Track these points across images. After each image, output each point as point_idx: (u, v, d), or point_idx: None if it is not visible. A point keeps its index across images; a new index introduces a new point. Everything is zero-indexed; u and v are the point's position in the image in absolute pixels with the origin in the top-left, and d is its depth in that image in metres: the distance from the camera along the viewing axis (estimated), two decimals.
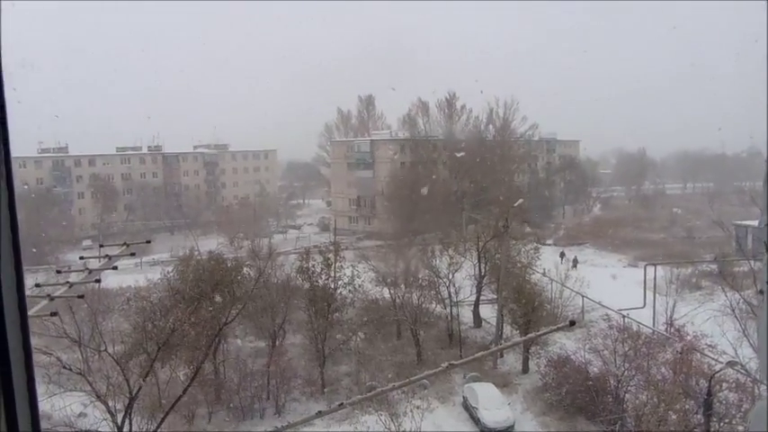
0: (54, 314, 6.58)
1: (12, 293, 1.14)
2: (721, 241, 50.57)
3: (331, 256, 31.79)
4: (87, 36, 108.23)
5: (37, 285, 7.17)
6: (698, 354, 23.10)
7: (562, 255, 52.09)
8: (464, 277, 36.07)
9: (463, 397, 27.26)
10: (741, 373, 21.28)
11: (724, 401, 20.72)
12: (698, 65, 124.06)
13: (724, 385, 20.89)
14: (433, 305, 34.10)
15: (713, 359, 22.92)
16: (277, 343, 30.63)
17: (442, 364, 6.76)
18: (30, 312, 6.84)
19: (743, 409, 19.71)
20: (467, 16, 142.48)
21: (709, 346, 24.37)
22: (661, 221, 75.68)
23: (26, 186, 72.51)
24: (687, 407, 20.49)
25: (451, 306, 34.44)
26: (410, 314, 31.97)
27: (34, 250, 46.16)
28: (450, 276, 34.64)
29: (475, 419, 25.56)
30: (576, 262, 50.26)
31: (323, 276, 30.88)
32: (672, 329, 28.77)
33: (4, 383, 1.14)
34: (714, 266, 41.52)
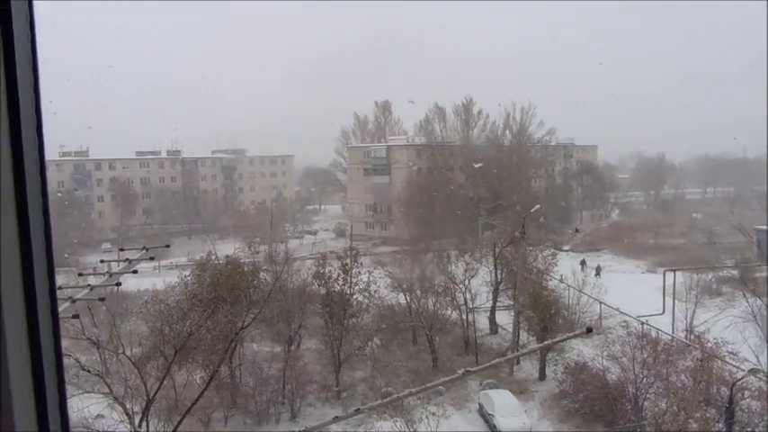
0: (76, 316, 6.68)
1: (44, 298, 1.17)
2: (742, 246, 49.91)
3: (348, 261, 31.81)
4: (105, 41, 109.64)
5: (59, 288, 7.26)
6: (719, 361, 22.78)
7: (583, 263, 50.33)
8: (480, 283, 35.93)
9: (479, 404, 27.11)
10: (763, 380, 20.98)
11: (746, 410, 20.46)
12: (717, 69, 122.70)
13: (746, 393, 20.62)
14: (449, 311, 33.99)
15: (735, 366, 22.59)
16: (293, 348, 30.71)
17: (459, 371, 6.72)
18: None
19: (766, 418, 19.41)
20: (482, 18, 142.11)
21: (731, 353, 24.06)
22: (680, 227, 74.82)
23: (52, 197, 73.24)
24: (708, 415, 20.22)
25: (467, 312, 34.29)
26: (426, 320, 31.88)
27: (65, 255, 46.86)
28: (467, 282, 34.50)
29: (491, 426, 25.42)
30: (599, 270, 49.19)
31: (339, 282, 30.92)
32: (692, 336, 28.44)
33: (36, 385, 1.17)
34: (735, 272, 40.97)
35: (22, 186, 1.13)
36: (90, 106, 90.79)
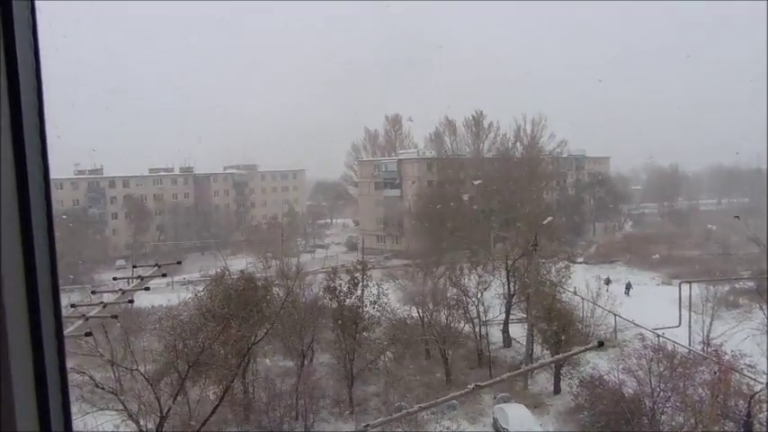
0: (89, 334, 6.73)
1: (48, 310, 1.19)
2: (758, 258, 49.22)
3: (358, 275, 31.81)
4: (117, 56, 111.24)
5: (72, 306, 7.32)
6: (736, 374, 22.46)
7: (608, 281, 46.31)
8: (493, 296, 35.74)
9: (493, 418, 26.86)
10: None
11: (765, 423, 20.11)
12: (732, 79, 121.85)
13: (764, 406, 20.31)
14: (462, 324, 33.81)
15: (752, 379, 22.28)
16: (306, 362, 30.64)
17: (469, 385, 6.70)
18: (65, 332, 7.01)
19: None
20: (492, 31, 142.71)
21: (748, 365, 23.76)
22: (695, 238, 74.11)
23: (67, 215, 73.69)
24: (726, 428, 19.94)
25: (480, 325, 34.10)
26: (439, 334, 31.74)
27: (71, 277, 47.27)
28: (479, 295, 34.35)
29: None
30: (629, 288, 47.70)
31: (350, 296, 30.89)
32: (709, 349, 28.11)
33: (39, 399, 1.18)
34: (752, 284, 40.44)
35: (26, 203, 1.15)
36: (102, 124, 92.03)
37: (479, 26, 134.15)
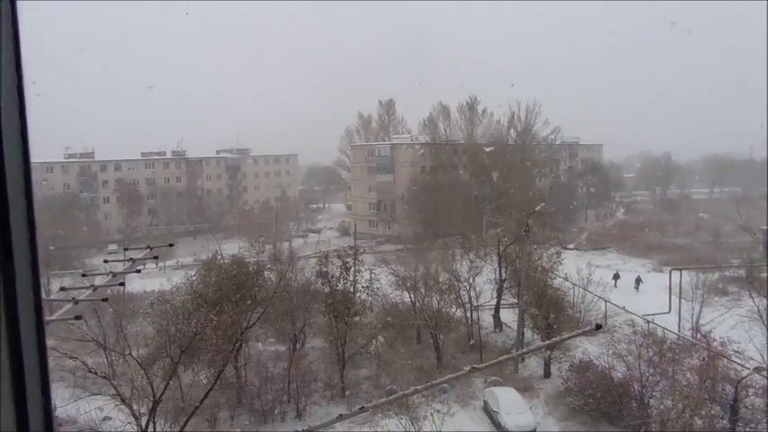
0: (78, 317, 6.69)
1: (26, 295, 1.17)
2: (749, 246, 49.58)
3: (350, 260, 31.84)
4: (108, 40, 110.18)
5: (62, 289, 7.29)
6: (724, 359, 22.73)
7: (616, 277, 46.09)
8: (485, 281, 35.89)
9: (484, 401, 27.09)
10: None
11: (750, 407, 20.45)
12: (726, 68, 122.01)
13: (750, 391, 20.62)
14: (454, 309, 33.96)
15: (740, 365, 22.55)
16: (298, 346, 30.78)
17: (465, 367, 6.75)
18: (54, 316, 6.96)
19: None
20: (489, 19, 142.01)
21: (736, 351, 24.03)
22: (686, 226, 74.43)
23: (57, 199, 72.77)
24: (713, 412, 20.19)
25: (472, 310, 34.27)
26: (430, 318, 31.86)
27: (71, 252, 46.92)
28: (471, 280, 34.48)
29: (496, 424, 25.39)
30: (639, 282, 46.43)
31: (342, 280, 30.94)
32: (698, 335, 28.37)
33: (16, 385, 1.17)
34: (741, 272, 40.76)
35: (3, 188, 1.12)
36: (96, 107, 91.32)
37: (478, 12, 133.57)
